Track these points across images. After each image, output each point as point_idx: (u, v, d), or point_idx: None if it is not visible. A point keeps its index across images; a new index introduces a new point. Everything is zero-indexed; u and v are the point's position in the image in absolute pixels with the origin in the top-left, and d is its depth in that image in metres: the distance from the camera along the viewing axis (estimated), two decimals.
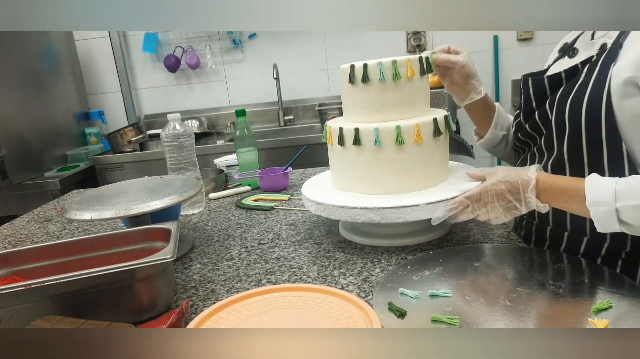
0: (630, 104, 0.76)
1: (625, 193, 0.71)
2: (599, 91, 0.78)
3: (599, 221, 0.74)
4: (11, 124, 2.20)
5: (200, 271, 0.98)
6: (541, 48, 2.76)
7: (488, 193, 0.84)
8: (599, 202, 0.73)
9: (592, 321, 0.65)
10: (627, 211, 0.70)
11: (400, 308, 0.71)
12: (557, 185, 0.79)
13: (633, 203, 0.70)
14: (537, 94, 0.92)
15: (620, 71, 0.77)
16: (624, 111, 0.77)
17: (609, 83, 0.77)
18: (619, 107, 0.77)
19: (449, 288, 0.76)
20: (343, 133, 0.98)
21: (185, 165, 1.33)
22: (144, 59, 2.97)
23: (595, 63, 0.82)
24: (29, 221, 1.48)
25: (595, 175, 0.76)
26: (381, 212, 0.91)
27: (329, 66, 2.91)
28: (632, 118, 0.77)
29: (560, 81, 0.88)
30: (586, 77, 0.82)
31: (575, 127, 0.82)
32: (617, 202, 0.71)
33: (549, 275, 0.79)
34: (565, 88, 0.85)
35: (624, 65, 0.77)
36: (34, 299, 0.73)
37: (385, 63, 0.94)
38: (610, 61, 0.79)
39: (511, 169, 0.85)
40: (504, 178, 0.82)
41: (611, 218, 0.72)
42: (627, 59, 0.77)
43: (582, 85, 0.82)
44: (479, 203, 0.85)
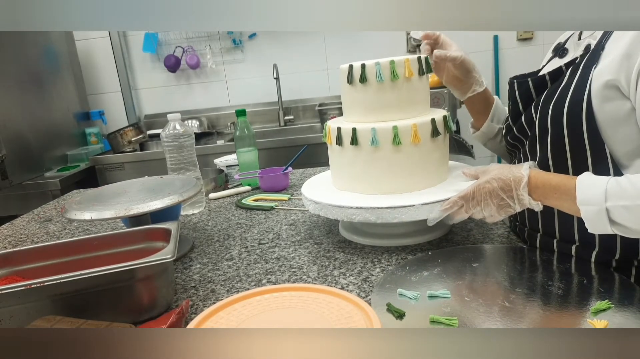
0: (611, 108, 0.75)
1: (616, 193, 0.69)
2: (580, 95, 0.77)
3: (589, 221, 0.72)
4: (11, 124, 2.20)
5: (200, 271, 0.98)
6: (541, 48, 2.77)
7: (481, 191, 0.83)
8: (589, 201, 0.71)
9: (591, 321, 0.65)
10: (617, 211, 0.69)
11: (398, 309, 0.71)
12: (550, 182, 0.78)
13: (624, 203, 0.68)
14: (523, 97, 0.91)
15: (601, 74, 0.75)
16: (605, 114, 0.75)
17: (589, 86, 0.76)
18: (599, 110, 0.75)
19: (447, 288, 0.76)
20: (341, 133, 0.98)
21: (185, 165, 1.33)
22: (144, 59, 2.97)
23: (577, 66, 0.81)
24: (29, 221, 1.48)
25: (588, 173, 0.75)
26: (377, 212, 0.91)
27: (329, 66, 2.91)
28: (612, 121, 0.75)
29: (545, 83, 0.87)
30: (568, 80, 0.81)
31: (557, 131, 0.80)
32: (607, 202, 0.69)
33: (548, 275, 0.80)
34: (549, 92, 0.84)
35: (604, 67, 0.75)
36: (34, 299, 0.73)
37: (383, 63, 0.94)
38: (591, 63, 0.78)
39: (504, 166, 0.84)
40: (497, 175, 0.82)
41: (601, 218, 0.70)
42: (608, 61, 0.75)
43: (564, 89, 0.81)
44: (473, 202, 0.84)
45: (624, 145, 0.76)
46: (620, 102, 0.75)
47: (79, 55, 2.84)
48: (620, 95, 0.75)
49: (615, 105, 0.75)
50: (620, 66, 0.73)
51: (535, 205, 0.79)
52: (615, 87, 0.74)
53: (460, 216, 0.87)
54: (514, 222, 1.00)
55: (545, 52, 1.01)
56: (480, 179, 0.85)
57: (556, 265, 0.83)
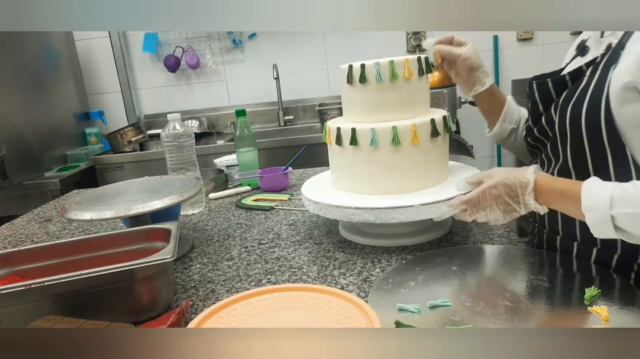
0: (630, 110, 0.74)
1: (621, 200, 0.68)
2: (599, 96, 0.76)
3: (594, 227, 0.72)
4: (11, 124, 2.20)
5: (200, 271, 0.98)
6: (541, 48, 2.76)
7: (487, 197, 0.82)
8: (594, 208, 0.70)
9: (592, 309, 0.67)
10: (622, 218, 0.68)
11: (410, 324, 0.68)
12: (556, 187, 0.77)
13: (628, 210, 0.67)
14: (543, 98, 0.89)
15: (620, 75, 0.74)
16: (624, 117, 0.74)
17: (608, 88, 0.75)
18: (618, 113, 0.74)
19: (445, 295, 0.75)
20: (341, 133, 0.98)
21: (185, 165, 1.33)
22: (144, 59, 2.97)
23: (597, 66, 0.79)
24: (29, 221, 1.48)
25: (595, 178, 0.74)
26: (376, 212, 0.91)
27: (329, 66, 2.91)
28: (632, 124, 0.74)
29: (565, 83, 0.85)
30: (588, 80, 0.79)
31: (576, 133, 0.79)
32: (612, 209, 0.68)
33: (548, 275, 0.80)
34: (569, 92, 0.83)
35: (623, 68, 0.74)
36: (34, 299, 0.73)
37: (382, 63, 0.94)
38: (611, 63, 0.76)
39: (509, 170, 0.83)
40: (502, 180, 0.81)
41: (606, 225, 0.70)
42: (627, 62, 0.74)
43: (583, 89, 0.79)
44: (477, 207, 0.83)
45: None
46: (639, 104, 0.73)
47: (79, 55, 2.84)
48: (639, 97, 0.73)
49: (634, 107, 0.73)
50: (639, 67, 0.72)
51: (541, 208, 0.79)
52: (634, 89, 0.73)
53: (464, 218, 0.87)
54: (533, 224, 0.99)
55: (546, 52, 1.01)
56: (485, 184, 0.83)
57: (559, 263, 0.84)
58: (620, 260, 0.81)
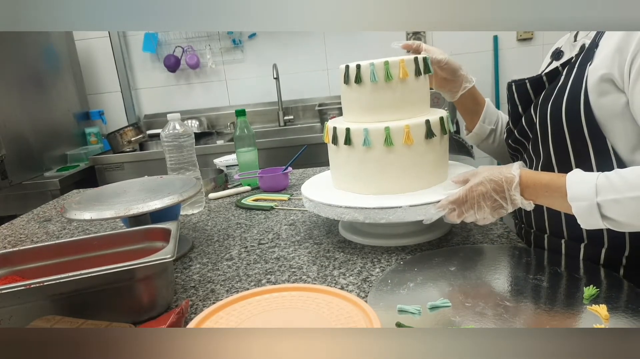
0: (607, 102, 0.76)
1: (605, 187, 0.69)
2: (577, 91, 0.78)
3: (581, 217, 0.73)
4: (11, 124, 2.20)
5: (200, 271, 0.98)
6: (541, 48, 2.77)
7: (473, 194, 0.82)
8: (580, 197, 0.71)
9: (591, 308, 0.67)
10: (608, 205, 0.69)
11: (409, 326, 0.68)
12: (540, 181, 0.78)
13: (614, 196, 0.68)
14: (522, 99, 0.92)
15: (596, 69, 0.76)
16: (602, 109, 0.76)
17: (586, 82, 0.77)
18: (596, 105, 0.76)
19: (445, 296, 0.75)
20: (337, 133, 0.98)
21: (185, 165, 1.33)
22: (144, 59, 2.97)
23: (573, 65, 0.82)
24: (29, 221, 1.48)
25: (578, 170, 0.75)
26: (365, 212, 0.91)
27: (329, 66, 2.91)
28: (610, 115, 0.76)
29: (542, 84, 0.88)
30: (565, 79, 0.82)
31: (557, 130, 0.81)
32: (597, 197, 0.70)
33: (547, 274, 0.80)
34: (547, 91, 0.85)
35: (598, 63, 0.76)
36: (34, 299, 0.73)
37: (377, 64, 0.94)
38: (586, 61, 0.79)
39: (494, 168, 0.84)
40: (488, 177, 0.82)
41: (593, 213, 0.71)
42: (602, 57, 0.76)
43: (561, 87, 0.81)
44: (465, 206, 0.84)
45: (625, 140, 0.77)
46: (616, 95, 0.76)
47: (79, 55, 2.84)
48: (615, 89, 0.76)
49: (611, 98, 0.76)
50: (613, 60, 0.74)
51: (527, 204, 0.80)
52: (610, 81, 0.75)
53: (452, 219, 0.87)
54: (519, 225, 1.00)
55: (546, 52, 1.02)
56: (471, 182, 0.84)
57: (562, 263, 0.84)
58: (608, 254, 0.82)
